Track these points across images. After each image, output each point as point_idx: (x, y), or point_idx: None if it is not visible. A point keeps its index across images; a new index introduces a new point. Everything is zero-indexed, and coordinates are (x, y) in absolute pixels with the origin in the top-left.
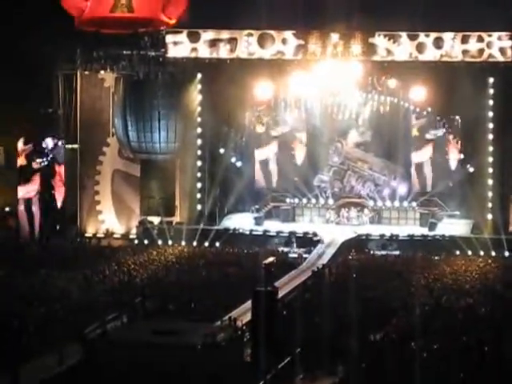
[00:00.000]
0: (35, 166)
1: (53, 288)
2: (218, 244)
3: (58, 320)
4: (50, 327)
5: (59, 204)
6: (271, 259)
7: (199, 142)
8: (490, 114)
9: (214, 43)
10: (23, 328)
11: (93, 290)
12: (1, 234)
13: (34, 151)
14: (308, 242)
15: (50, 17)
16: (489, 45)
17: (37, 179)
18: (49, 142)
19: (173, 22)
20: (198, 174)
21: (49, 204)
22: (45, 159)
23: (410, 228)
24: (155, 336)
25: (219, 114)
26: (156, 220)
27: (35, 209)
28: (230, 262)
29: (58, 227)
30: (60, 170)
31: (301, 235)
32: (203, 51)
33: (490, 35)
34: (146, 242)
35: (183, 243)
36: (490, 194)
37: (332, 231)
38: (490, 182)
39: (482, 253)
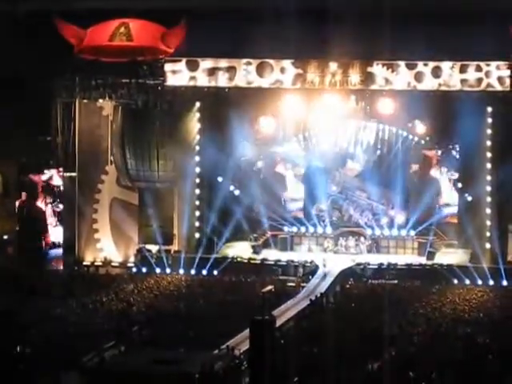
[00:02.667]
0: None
1: (50, 316)
2: (216, 272)
3: (56, 348)
4: (48, 355)
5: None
6: (269, 288)
7: (198, 170)
8: (489, 143)
9: (212, 72)
10: (20, 355)
11: (90, 318)
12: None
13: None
14: (306, 270)
15: (49, 45)
16: (487, 74)
17: None
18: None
19: (171, 50)
20: (197, 202)
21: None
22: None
23: (407, 257)
24: (153, 365)
25: (218, 142)
26: (154, 248)
27: None
28: (227, 291)
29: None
30: None
31: (298, 264)
32: (202, 80)
33: (488, 65)
34: (143, 270)
35: (181, 271)
36: (488, 223)
37: (330, 260)
38: (489, 211)
39: (480, 282)
